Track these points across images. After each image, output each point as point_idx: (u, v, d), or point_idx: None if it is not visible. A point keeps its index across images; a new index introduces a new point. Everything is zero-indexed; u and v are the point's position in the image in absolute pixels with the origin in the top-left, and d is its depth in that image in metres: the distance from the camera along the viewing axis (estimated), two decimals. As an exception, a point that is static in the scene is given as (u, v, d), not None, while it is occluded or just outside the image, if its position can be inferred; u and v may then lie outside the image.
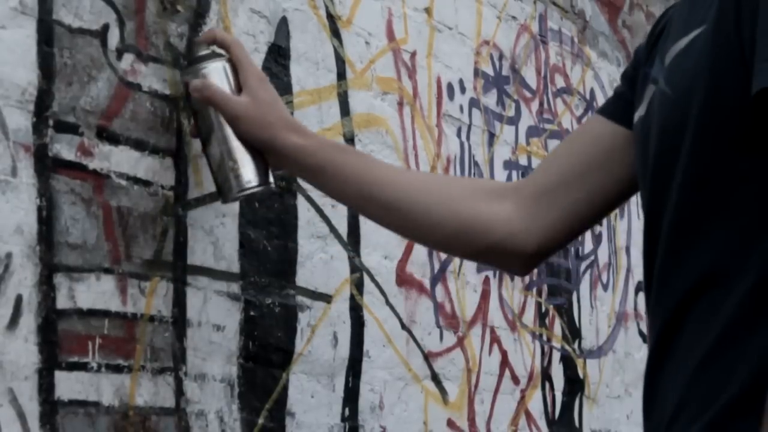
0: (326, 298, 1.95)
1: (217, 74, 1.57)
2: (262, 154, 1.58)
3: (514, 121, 2.66)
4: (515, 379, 2.56)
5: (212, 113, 1.57)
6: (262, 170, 1.58)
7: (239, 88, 1.57)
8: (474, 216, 1.51)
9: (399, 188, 1.55)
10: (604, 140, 1.42)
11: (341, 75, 2.04)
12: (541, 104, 2.79)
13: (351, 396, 2.00)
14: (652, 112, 1.26)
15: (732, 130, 1.14)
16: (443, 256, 2.31)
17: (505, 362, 2.52)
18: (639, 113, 1.30)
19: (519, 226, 1.48)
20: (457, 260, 2.37)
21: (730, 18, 1.13)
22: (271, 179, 1.61)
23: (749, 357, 1.11)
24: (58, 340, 1.42)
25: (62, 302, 1.44)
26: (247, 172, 1.57)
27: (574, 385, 2.84)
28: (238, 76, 1.58)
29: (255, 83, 1.57)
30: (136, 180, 1.57)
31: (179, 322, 1.63)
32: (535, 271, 2.59)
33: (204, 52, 1.59)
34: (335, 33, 2.03)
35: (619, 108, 1.41)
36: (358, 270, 2.04)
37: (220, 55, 1.59)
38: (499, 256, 1.52)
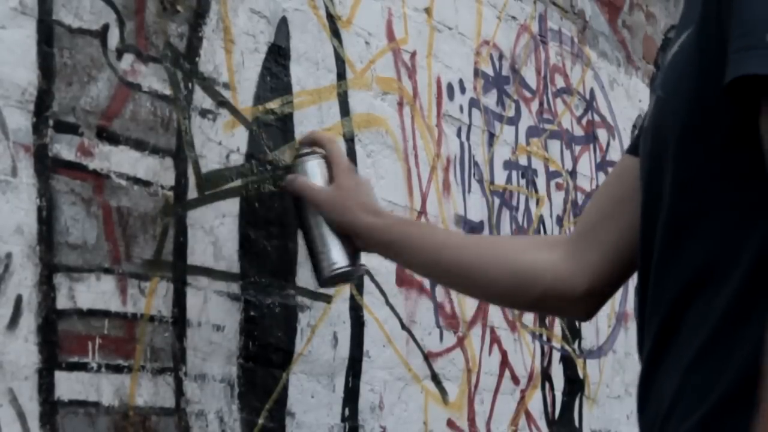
0: (326, 298, 1.95)
1: (312, 169, 1.76)
2: (350, 238, 1.73)
3: (514, 121, 2.66)
4: (515, 379, 2.56)
5: (305, 207, 1.75)
6: (349, 252, 1.74)
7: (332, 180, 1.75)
8: (524, 267, 1.60)
9: (458, 251, 1.68)
10: (628, 174, 1.46)
11: (341, 75, 2.04)
12: (541, 104, 2.79)
13: (351, 396, 2.00)
14: (649, 118, 1.27)
15: (717, 128, 1.15)
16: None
17: (505, 362, 2.52)
18: (645, 125, 1.31)
19: (565, 270, 1.55)
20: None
21: (712, 16, 1.14)
22: (361, 261, 1.77)
23: (742, 352, 1.11)
24: (58, 340, 1.42)
25: (62, 302, 1.43)
26: (335, 255, 1.73)
27: (574, 385, 2.84)
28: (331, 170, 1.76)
29: (341, 173, 1.74)
30: (136, 180, 1.57)
31: (179, 322, 1.63)
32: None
33: (304, 150, 1.78)
34: (335, 33, 2.03)
35: (637, 142, 1.44)
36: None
37: (316, 153, 1.77)
38: (553, 302, 1.59)
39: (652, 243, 1.23)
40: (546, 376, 2.70)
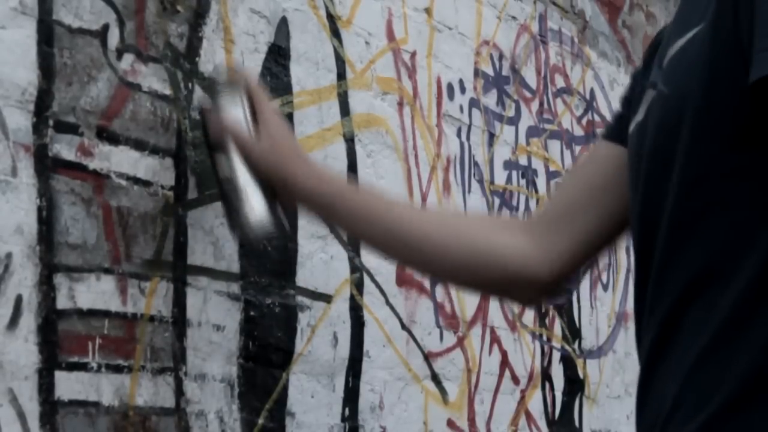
0: (326, 298, 1.95)
1: (234, 107, 1.57)
2: (275, 190, 1.57)
3: (514, 121, 2.66)
4: (515, 379, 2.56)
5: (228, 148, 1.56)
6: (272, 207, 1.57)
7: (255, 122, 1.58)
8: (489, 248, 1.52)
9: (415, 219, 1.57)
10: (608, 162, 1.43)
11: (341, 75, 2.04)
12: (541, 104, 2.79)
13: (351, 396, 2.00)
14: (650, 114, 1.26)
15: (729, 126, 1.14)
16: (443, 256, 2.31)
17: (505, 362, 2.52)
18: (636, 119, 1.30)
19: (532, 255, 1.49)
20: (457, 260, 2.36)
21: (729, 14, 1.13)
22: (284, 220, 1.60)
23: (746, 354, 1.11)
24: (58, 340, 1.42)
25: (62, 302, 1.44)
26: (260, 210, 1.56)
27: (574, 385, 2.84)
28: (254, 110, 1.58)
29: (270, 118, 1.58)
30: (136, 180, 1.57)
31: (179, 322, 1.63)
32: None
33: (223, 84, 1.60)
34: (335, 33, 2.03)
35: (621, 130, 1.41)
36: (358, 270, 2.04)
37: (237, 89, 1.59)
38: (514, 286, 1.52)
39: (651, 242, 1.22)
40: (546, 376, 2.70)
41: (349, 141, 2.05)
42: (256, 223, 1.56)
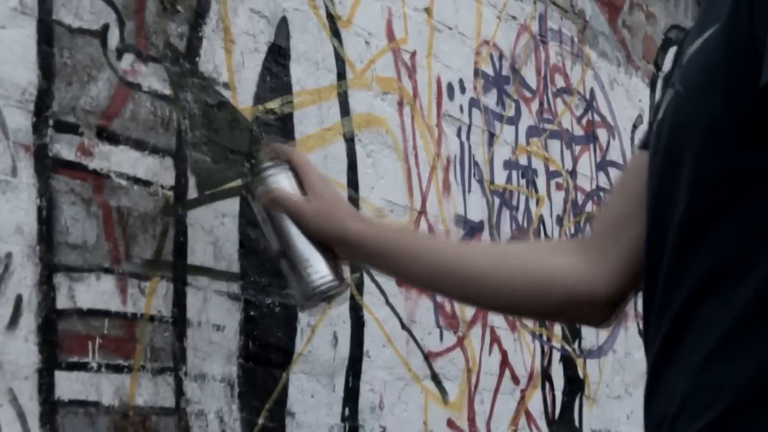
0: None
1: (281, 182, 1.60)
2: (332, 250, 1.59)
3: (514, 121, 2.66)
4: (515, 379, 2.56)
5: (278, 219, 1.59)
6: (334, 266, 1.59)
7: (304, 192, 1.60)
8: (542, 271, 1.52)
9: (466, 257, 1.57)
10: (645, 171, 1.43)
11: (341, 75, 2.04)
12: (541, 104, 2.79)
13: (351, 396, 2.00)
14: (667, 113, 1.26)
15: (744, 126, 1.14)
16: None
17: (505, 362, 2.52)
18: (658, 117, 1.30)
19: (588, 273, 1.49)
20: (457, 260, 2.36)
21: (744, 14, 1.13)
22: (346, 275, 1.62)
23: (757, 353, 1.10)
24: (58, 340, 1.42)
25: (62, 302, 1.44)
26: (323, 270, 1.57)
27: (574, 385, 2.84)
28: (300, 181, 1.60)
29: (317, 183, 1.60)
30: (136, 180, 1.57)
31: (179, 322, 1.63)
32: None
33: (266, 164, 1.62)
34: (335, 33, 2.03)
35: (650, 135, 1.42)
36: (358, 270, 2.04)
37: (281, 165, 1.61)
38: (574, 307, 1.52)
39: (661, 239, 1.22)
40: (546, 375, 2.70)
41: (349, 141, 2.05)
42: (324, 286, 1.57)
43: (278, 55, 1.88)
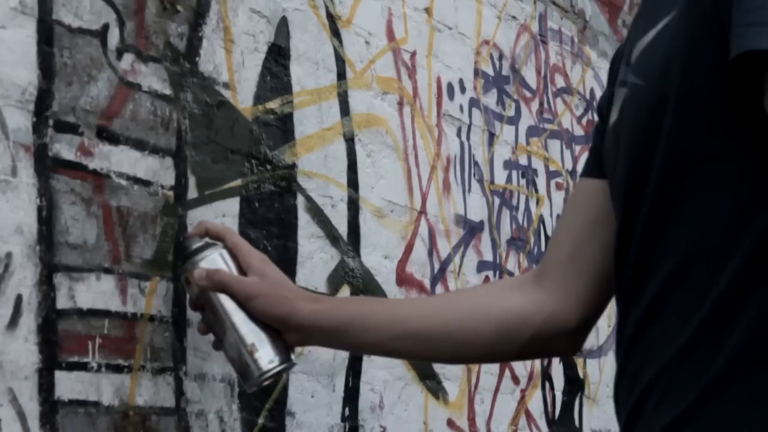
0: (326, 298, 1.94)
1: (216, 263, 1.52)
2: (279, 333, 1.52)
3: (514, 121, 2.66)
4: (515, 379, 2.56)
5: (219, 302, 1.51)
6: (281, 349, 1.52)
7: (242, 273, 1.53)
8: (506, 313, 1.50)
9: (427, 316, 1.54)
10: (596, 195, 1.42)
11: (341, 75, 2.04)
12: (541, 104, 2.79)
13: (351, 396, 2.00)
14: (624, 111, 1.24)
15: (714, 109, 1.13)
16: (443, 255, 2.31)
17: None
18: (611, 121, 1.29)
19: (553, 308, 1.49)
20: (457, 260, 2.37)
21: None
22: (293, 356, 1.55)
23: (728, 340, 1.10)
24: (58, 340, 1.42)
25: (62, 302, 1.44)
26: (271, 352, 1.50)
27: (574, 384, 2.84)
28: (237, 261, 1.53)
29: (258, 264, 1.53)
30: (136, 180, 1.57)
31: (179, 322, 1.63)
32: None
33: (198, 244, 1.54)
34: (335, 33, 2.03)
35: (596, 163, 1.42)
36: (358, 271, 2.04)
37: (214, 245, 1.54)
38: (545, 342, 1.51)
39: (631, 232, 1.21)
40: (546, 375, 2.70)
41: (349, 141, 2.05)
42: (273, 371, 1.51)
43: (278, 55, 1.88)
